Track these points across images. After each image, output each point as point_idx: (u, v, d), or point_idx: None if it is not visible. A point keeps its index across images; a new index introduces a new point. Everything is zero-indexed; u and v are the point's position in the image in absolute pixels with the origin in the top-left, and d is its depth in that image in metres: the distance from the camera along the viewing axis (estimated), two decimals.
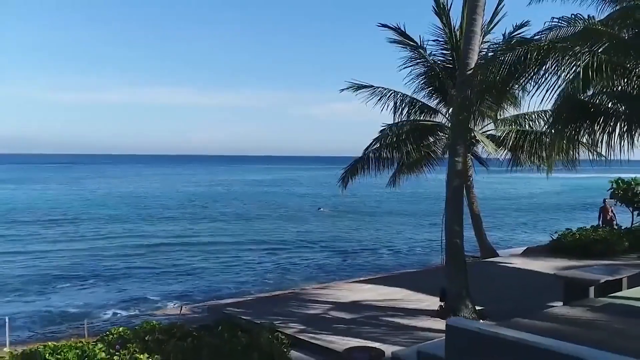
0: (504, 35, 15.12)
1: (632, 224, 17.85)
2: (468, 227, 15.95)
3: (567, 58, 6.90)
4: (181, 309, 10.47)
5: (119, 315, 13.07)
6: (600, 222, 17.85)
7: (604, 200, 18.26)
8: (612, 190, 17.83)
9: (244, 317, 9.39)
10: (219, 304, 11.45)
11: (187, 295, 15.28)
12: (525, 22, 15.19)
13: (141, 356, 7.11)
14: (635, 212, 17.77)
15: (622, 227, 17.55)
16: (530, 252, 16.90)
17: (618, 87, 7.69)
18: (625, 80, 7.52)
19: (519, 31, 15.23)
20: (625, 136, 7.86)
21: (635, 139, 7.84)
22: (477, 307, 9.89)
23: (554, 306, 9.35)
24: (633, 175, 17.85)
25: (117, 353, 7.07)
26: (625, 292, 9.71)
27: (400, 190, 17.42)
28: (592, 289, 9.57)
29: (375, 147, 15.89)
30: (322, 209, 40.92)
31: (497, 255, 16.66)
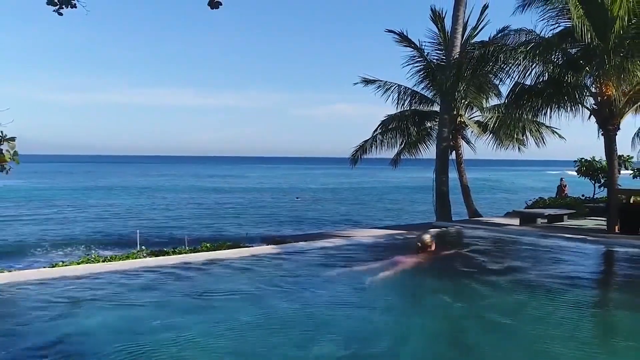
0: (489, 38, 19.00)
1: (594, 194, 21.61)
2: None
3: (510, 52, 10.74)
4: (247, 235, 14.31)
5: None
6: (556, 196, 21.84)
7: (561, 179, 22.29)
8: (578, 166, 21.61)
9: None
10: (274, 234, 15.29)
11: None
12: (506, 27, 19.06)
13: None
14: (597, 185, 21.50)
15: (586, 197, 21.35)
16: (510, 215, 20.66)
17: (546, 74, 11.47)
18: (552, 68, 11.28)
19: (500, 35, 19.16)
20: (553, 108, 11.69)
21: (559, 110, 11.67)
22: None
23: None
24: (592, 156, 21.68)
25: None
26: (563, 223, 13.52)
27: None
28: (539, 220, 13.41)
29: (380, 130, 19.84)
30: (298, 197, 43.77)
31: (481, 216, 20.42)
